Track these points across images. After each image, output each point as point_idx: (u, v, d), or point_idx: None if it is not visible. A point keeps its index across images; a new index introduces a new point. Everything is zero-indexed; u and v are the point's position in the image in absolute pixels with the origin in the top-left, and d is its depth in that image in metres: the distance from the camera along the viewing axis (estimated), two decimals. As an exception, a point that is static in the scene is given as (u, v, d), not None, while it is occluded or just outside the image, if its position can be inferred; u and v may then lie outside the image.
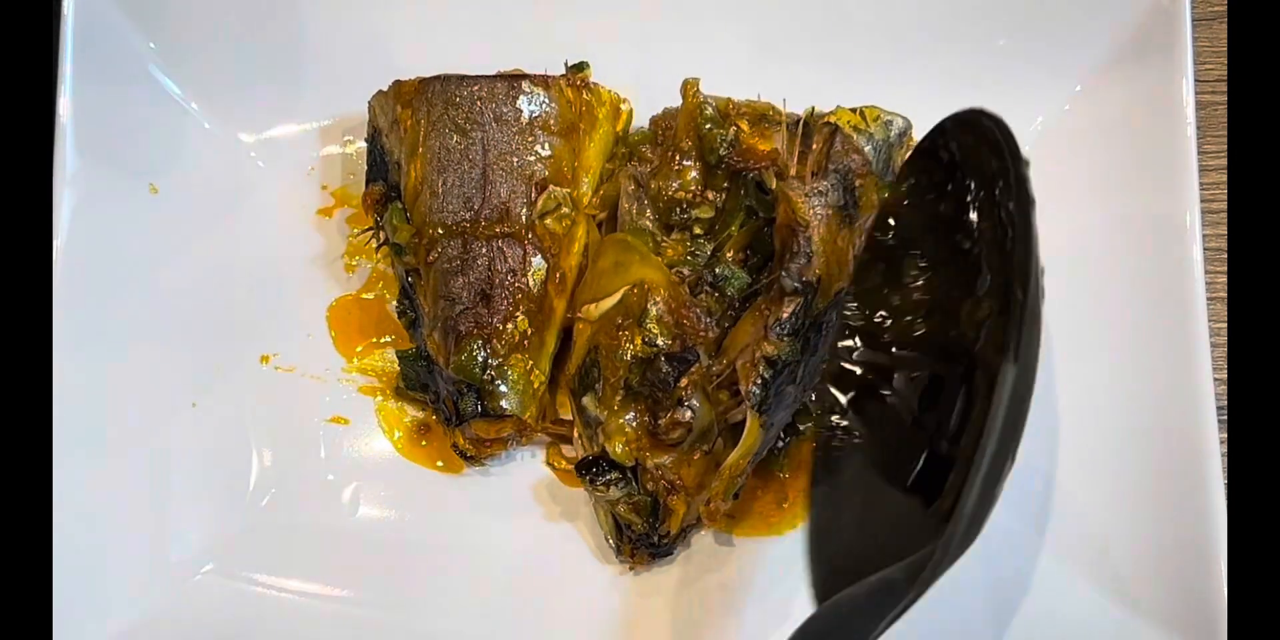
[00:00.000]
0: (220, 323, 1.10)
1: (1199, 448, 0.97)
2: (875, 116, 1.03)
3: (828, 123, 1.01)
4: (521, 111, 1.04)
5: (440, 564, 1.05)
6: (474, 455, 1.06)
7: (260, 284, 1.12)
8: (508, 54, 1.10)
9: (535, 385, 1.03)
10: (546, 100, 1.05)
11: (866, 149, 1.01)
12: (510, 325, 1.02)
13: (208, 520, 1.05)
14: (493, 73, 1.07)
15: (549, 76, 1.06)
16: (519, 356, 1.02)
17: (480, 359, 1.00)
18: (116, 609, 0.98)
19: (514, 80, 1.05)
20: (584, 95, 1.07)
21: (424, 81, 1.04)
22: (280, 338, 1.11)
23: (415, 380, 1.08)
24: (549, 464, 1.09)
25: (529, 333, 1.02)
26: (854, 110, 1.03)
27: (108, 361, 1.04)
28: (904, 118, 1.04)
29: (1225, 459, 0.97)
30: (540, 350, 1.04)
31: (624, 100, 1.10)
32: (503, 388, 1.01)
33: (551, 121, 1.05)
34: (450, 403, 1.03)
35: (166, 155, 1.09)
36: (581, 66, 1.09)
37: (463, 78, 1.04)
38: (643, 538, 1.00)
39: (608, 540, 1.03)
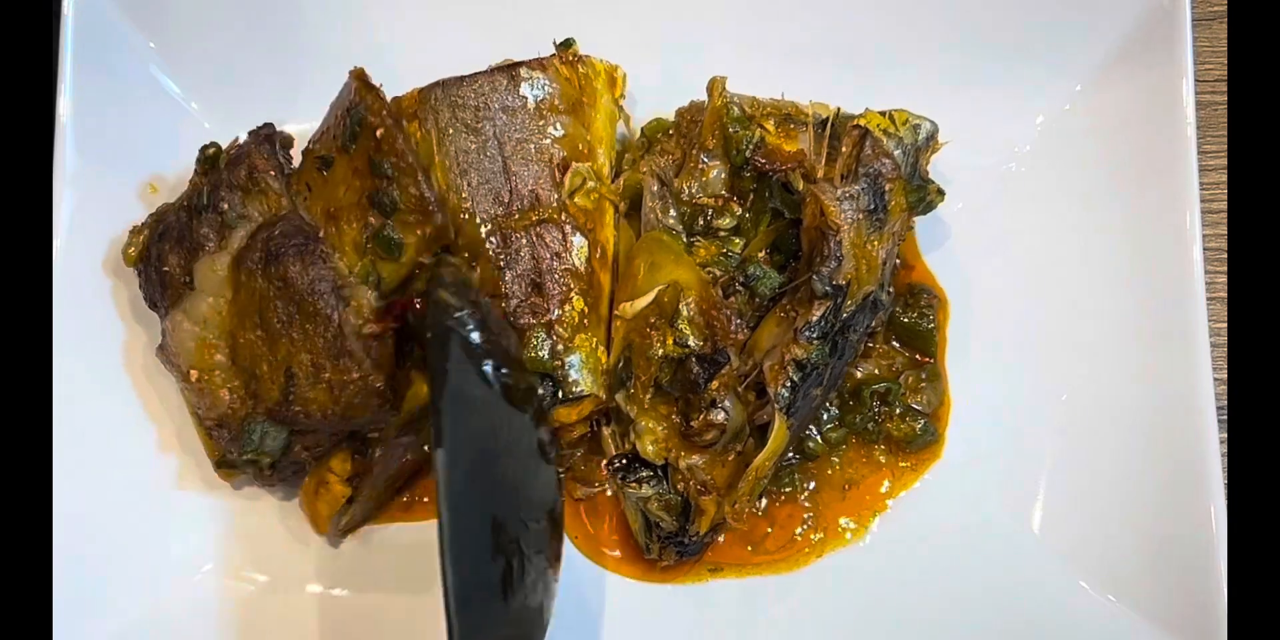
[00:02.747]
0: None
1: (1199, 448, 0.97)
2: (904, 120, 1.02)
3: (857, 126, 1.00)
4: (526, 98, 1.04)
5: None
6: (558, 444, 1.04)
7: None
8: (500, 47, 1.09)
9: (601, 360, 1.02)
10: (547, 82, 1.05)
11: (896, 153, 1.00)
12: (567, 307, 1.01)
13: (207, 519, 1.05)
14: (484, 68, 1.06)
15: (543, 58, 1.06)
16: (583, 336, 1.01)
17: (547, 348, 1.00)
18: (116, 608, 0.98)
19: (512, 69, 1.04)
20: (579, 69, 1.06)
21: (423, 91, 1.03)
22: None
23: None
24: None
25: (585, 311, 1.02)
26: (883, 113, 1.02)
27: (107, 360, 1.04)
28: (931, 121, 1.04)
29: (1225, 459, 0.96)
30: (599, 326, 1.04)
31: (616, 67, 1.10)
32: (574, 371, 1.00)
33: (556, 101, 1.05)
34: None
35: (166, 155, 1.09)
36: (569, 43, 1.08)
37: (461, 78, 1.03)
38: (672, 536, 1.00)
39: (637, 538, 1.03)
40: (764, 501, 1.07)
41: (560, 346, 1.00)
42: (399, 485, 1.07)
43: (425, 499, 1.08)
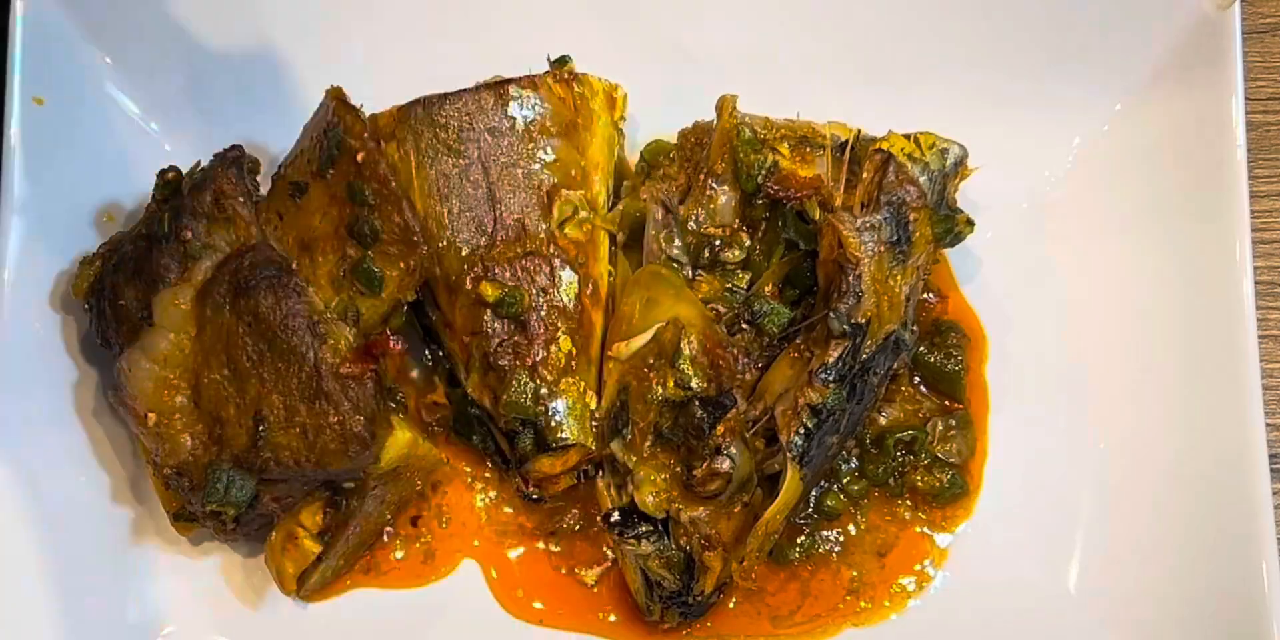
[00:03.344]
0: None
1: (1249, 501, 0.94)
2: (931, 143, 0.98)
3: (880, 150, 0.97)
4: (515, 119, 1.00)
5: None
6: (541, 496, 1.01)
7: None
8: (489, 64, 1.05)
9: (590, 405, 0.99)
10: (538, 101, 1.00)
11: (921, 179, 0.96)
12: (553, 348, 0.98)
13: (166, 577, 1.01)
14: (471, 85, 1.02)
15: (535, 76, 1.01)
16: (570, 380, 0.98)
17: (530, 391, 0.96)
18: (70, 677, 0.95)
19: (500, 87, 1.00)
20: (575, 88, 1.02)
21: (402, 109, 0.99)
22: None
23: (466, 426, 1.04)
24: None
25: (574, 352, 0.98)
26: (907, 136, 0.98)
27: (54, 403, 1.00)
28: (960, 145, 1.00)
29: (1278, 513, 0.94)
30: (589, 369, 1.00)
31: (616, 86, 1.06)
32: (558, 418, 0.97)
33: (548, 123, 1.01)
34: (506, 444, 0.99)
35: (123, 180, 1.06)
36: (564, 60, 1.04)
37: (444, 96, 0.99)
38: (674, 596, 0.96)
39: (637, 599, 0.99)
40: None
41: (545, 391, 0.97)
42: (372, 542, 1.03)
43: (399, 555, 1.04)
